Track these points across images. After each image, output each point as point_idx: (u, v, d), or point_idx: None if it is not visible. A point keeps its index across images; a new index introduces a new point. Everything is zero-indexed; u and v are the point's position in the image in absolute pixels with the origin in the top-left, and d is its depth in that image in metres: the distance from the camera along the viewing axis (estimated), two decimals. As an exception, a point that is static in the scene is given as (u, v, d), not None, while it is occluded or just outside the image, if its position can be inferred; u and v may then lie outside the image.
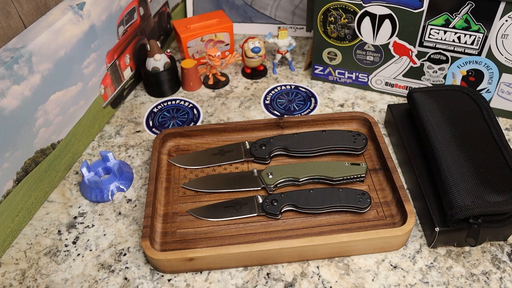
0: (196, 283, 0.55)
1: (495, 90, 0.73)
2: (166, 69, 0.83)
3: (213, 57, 0.82)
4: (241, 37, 1.00)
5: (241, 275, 0.56)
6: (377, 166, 0.66)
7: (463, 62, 0.72)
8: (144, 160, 0.72)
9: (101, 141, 0.76)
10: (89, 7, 0.69)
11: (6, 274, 0.57)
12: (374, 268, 0.56)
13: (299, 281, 0.55)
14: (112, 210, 0.64)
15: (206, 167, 0.68)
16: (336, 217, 0.60)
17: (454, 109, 0.65)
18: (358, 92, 0.84)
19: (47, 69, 0.62)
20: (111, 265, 0.58)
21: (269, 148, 0.67)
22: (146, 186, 0.68)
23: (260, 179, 0.64)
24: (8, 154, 0.58)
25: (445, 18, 0.68)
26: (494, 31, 0.66)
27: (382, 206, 0.61)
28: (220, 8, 1.00)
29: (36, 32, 0.61)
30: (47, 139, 0.65)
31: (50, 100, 0.64)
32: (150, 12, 0.88)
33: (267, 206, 0.60)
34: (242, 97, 0.84)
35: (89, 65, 0.71)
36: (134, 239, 0.60)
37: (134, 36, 0.84)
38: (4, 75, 0.55)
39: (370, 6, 0.72)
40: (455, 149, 0.59)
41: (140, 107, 0.83)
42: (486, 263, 0.55)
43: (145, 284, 0.55)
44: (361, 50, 0.78)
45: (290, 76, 0.89)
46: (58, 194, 0.67)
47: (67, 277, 0.57)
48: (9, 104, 0.56)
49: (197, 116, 0.80)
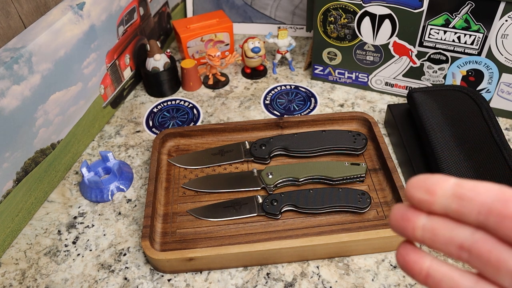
0: (196, 283, 0.55)
1: (495, 90, 0.73)
2: (166, 69, 0.83)
3: (213, 57, 0.82)
4: (241, 37, 1.00)
5: (241, 275, 0.56)
6: (377, 166, 0.66)
7: (463, 62, 0.72)
8: (144, 160, 0.72)
9: (101, 141, 0.76)
10: (89, 7, 0.69)
11: (6, 274, 0.57)
12: (374, 268, 0.56)
13: (299, 281, 0.55)
14: (112, 210, 0.64)
15: (206, 167, 0.68)
16: (336, 217, 0.60)
17: (454, 109, 0.65)
18: (358, 92, 0.84)
19: (47, 69, 0.62)
20: (111, 265, 0.58)
21: (269, 148, 0.67)
22: (146, 186, 0.68)
23: (260, 179, 0.64)
24: (8, 154, 0.58)
25: (445, 18, 0.68)
26: (494, 31, 0.66)
27: (382, 206, 0.61)
28: (220, 8, 1.00)
29: (36, 32, 0.61)
30: (47, 139, 0.65)
31: (50, 100, 0.64)
32: (150, 12, 0.88)
33: (267, 206, 0.60)
34: (242, 97, 0.84)
35: (89, 65, 0.71)
36: (134, 239, 0.60)
37: (134, 36, 0.84)
38: (4, 75, 0.55)
39: (370, 6, 0.72)
40: (455, 149, 0.59)
41: (140, 107, 0.83)
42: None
43: (145, 284, 0.55)
44: (361, 50, 0.78)
45: (290, 76, 0.89)
46: (58, 194, 0.67)
47: (67, 277, 0.57)
48: (9, 104, 0.56)
49: (197, 116, 0.80)
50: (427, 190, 0.21)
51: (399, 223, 0.22)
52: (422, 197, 0.21)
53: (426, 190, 0.21)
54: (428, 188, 0.21)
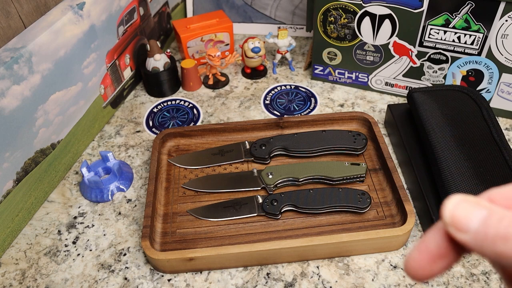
0: (196, 283, 0.55)
1: (495, 90, 0.73)
2: (166, 69, 0.83)
3: (213, 57, 0.82)
4: (241, 37, 1.00)
5: (241, 275, 0.56)
6: (377, 166, 0.66)
7: (463, 62, 0.72)
8: (144, 160, 0.72)
9: (101, 141, 0.76)
10: (89, 7, 0.69)
11: (6, 274, 0.57)
12: (374, 268, 0.56)
13: (299, 281, 0.55)
14: (112, 210, 0.64)
15: (206, 167, 0.68)
16: (336, 217, 0.60)
17: (454, 109, 0.65)
18: (358, 92, 0.84)
19: (47, 69, 0.62)
20: (111, 265, 0.58)
21: (269, 148, 0.67)
22: (146, 186, 0.68)
23: (260, 179, 0.64)
24: (8, 154, 0.58)
25: (445, 18, 0.68)
26: (494, 31, 0.66)
27: (382, 206, 0.61)
28: (220, 8, 1.00)
29: (36, 32, 0.61)
30: (47, 139, 0.65)
31: (50, 100, 0.64)
32: (150, 12, 0.88)
33: (267, 206, 0.60)
34: (242, 97, 0.84)
35: (89, 65, 0.71)
36: (134, 239, 0.60)
37: (134, 36, 0.84)
38: (4, 75, 0.55)
39: (370, 6, 0.72)
40: (455, 149, 0.59)
41: (140, 107, 0.83)
42: (486, 263, 0.55)
43: (145, 284, 0.55)
44: (361, 50, 0.78)
45: (290, 76, 0.89)
46: (58, 194, 0.67)
47: (67, 277, 0.57)
48: (9, 104, 0.56)
49: (197, 116, 0.80)
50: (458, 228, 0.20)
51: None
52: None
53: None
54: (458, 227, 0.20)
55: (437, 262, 0.21)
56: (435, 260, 0.21)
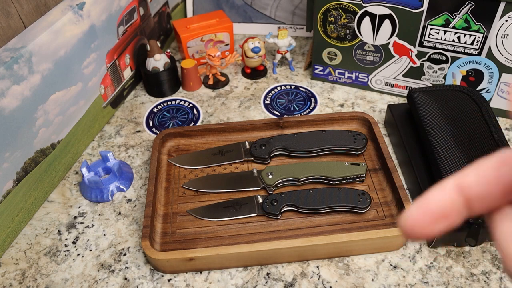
0: (196, 283, 0.55)
1: (495, 90, 0.73)
2: (166, 69, 0.83)
3: (213, 57, 0.82)
4: (241, 37, 1.00)
5: (241, 275, 0.56)
6: (377, 166, 0.66)
7: (463, 62, 0.72)
8: (144, 160, 0.72)
9: (101, 141, 0.76)
10: (89, 7, 0.69)
11: (6, 274, 0.57)
12: (374, 268, 0.56)
13: (299, 281, 0.55)
14: (112, 210, 0.64)
15: (206, 167, 0.68)
16: (336, 217, 0.60)
17: (454, 109, 0.65)
18: (358, 92, 0.84)
19: (47, 69, 0.62)
20: (111, 265, 0.58)
21: (269, 148, 0.67)
22: (146, 186, 0.68)
23: (260, 179, 0.64)
24: (8, 154, 0.58)
25: (445, 18, 0.68)
26: (494, 31, 0.66)
27: (382, 206, 0.61)
28: (220, 8, 1.00)
29: (36, 32, 0.61)
30: (47, 139, 0.65)
31: (50, 100, 0.64)
32: (150, 12, 0.88)
33: (267, 206, 0.60)
34: (242, 97, 0.84)
35: (89, 65, 0.71)
36: (134, 239, 0.60)
37: (134, 36, 0.84)
38: (4, 75, 0.55)
39: (370, 6, 0.72)
40: (455, 149, 0.59)
41: (140, 107, 0.83)
42: (486, 263, 0.55)
43: (145, 284, 0.55)
44: (361, 50, 0.78)
45: (290, 76, 0.89)
46: (58, 194, 0.67)
47: (67, 277, 0.57)
48: (9, 104, 0.56)
49: (197, 116, 0.80)
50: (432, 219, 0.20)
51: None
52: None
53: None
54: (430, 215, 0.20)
55: (438, 223, 0.20)
56: (437, 220, 0.20)
